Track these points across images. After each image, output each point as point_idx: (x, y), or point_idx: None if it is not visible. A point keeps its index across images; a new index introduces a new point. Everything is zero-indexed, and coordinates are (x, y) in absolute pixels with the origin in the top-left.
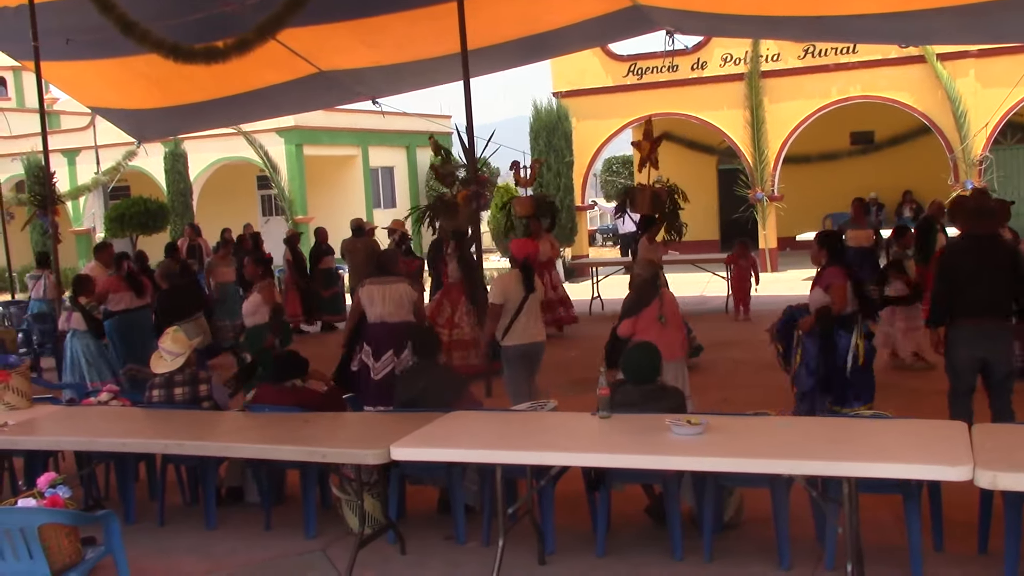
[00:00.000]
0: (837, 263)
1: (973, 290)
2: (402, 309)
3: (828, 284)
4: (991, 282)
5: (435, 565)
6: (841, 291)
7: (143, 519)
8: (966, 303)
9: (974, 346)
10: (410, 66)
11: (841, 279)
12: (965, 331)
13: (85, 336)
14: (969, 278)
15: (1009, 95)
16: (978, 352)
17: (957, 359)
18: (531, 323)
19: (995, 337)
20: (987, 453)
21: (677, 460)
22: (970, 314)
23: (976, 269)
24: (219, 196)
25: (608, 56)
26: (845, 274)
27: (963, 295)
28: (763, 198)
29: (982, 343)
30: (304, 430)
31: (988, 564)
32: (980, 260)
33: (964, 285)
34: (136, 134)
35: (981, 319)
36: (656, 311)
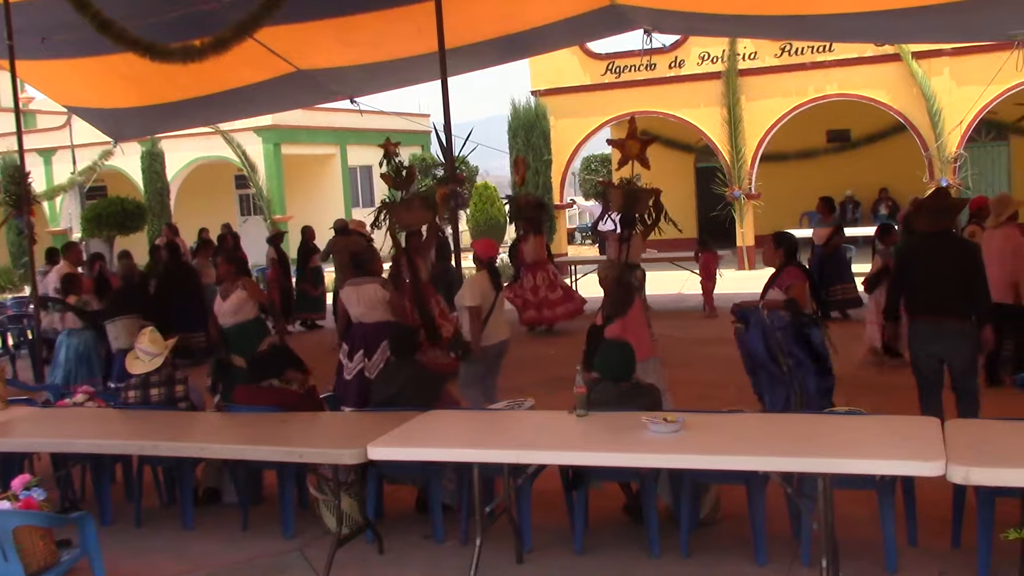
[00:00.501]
0: (794, 263)
1: (926, 288)
2: (375, 310)
3: (789, 285)
4: (944, 281)
5: (413, 564)
6: (803, 291)
7: (119, 521)
8: (919, 301)
9: (928, 343)
10: (388, 65)
11: (801, 279)
12: (918, 328)
13: (79, 335)
14: (922, 276)
15: (983, 93)
16: (932, 349)
17: (913, 355)
18: (501, 322)
19: (947, 335)
20: (959, 448)
21: (654, 458)
22: (923, 312)
23: (929, 267)
24: (197, 196)
25: (586, 55)
26: (804, 275)
27: (917, 293)
28: (740, 196)
29: (936, 341)
30: (281, 430)
31: (962, 558)
32: (933, 259)
33: (918, 283)
34: (113, 133)
35: (934, 317)
36: (641, 308)
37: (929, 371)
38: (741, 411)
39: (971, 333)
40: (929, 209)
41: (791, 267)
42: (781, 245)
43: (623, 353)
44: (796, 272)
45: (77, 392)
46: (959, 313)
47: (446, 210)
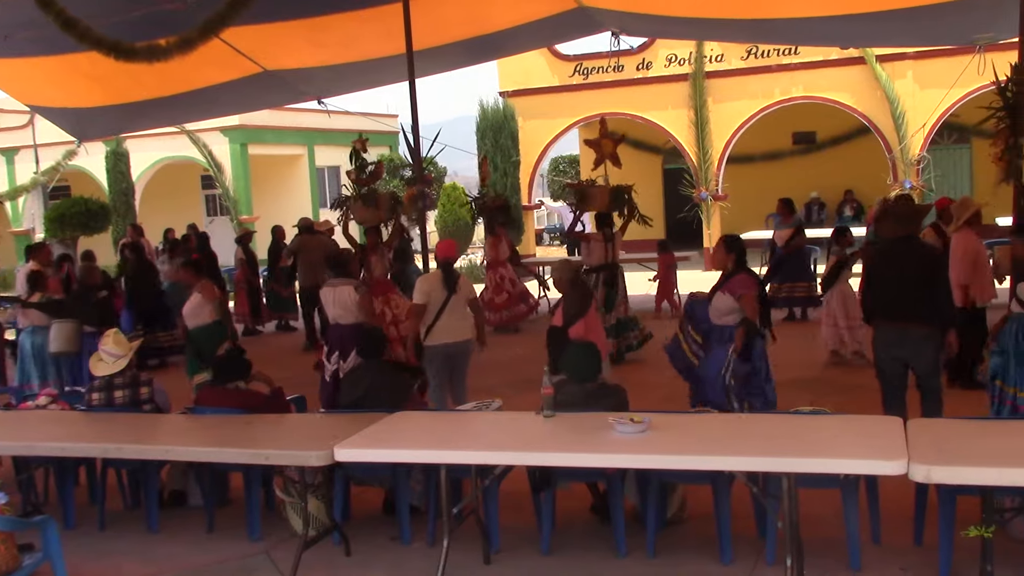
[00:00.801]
0: (745, 270)
1: (889, 293)
2: (349, 312)
3: (740, 295)
4: (906, 285)
5: (380, 566)
6: (753, 301)
7: (83, 524)
8: (883, 305)
9: (891, 347)
10: (356, 66)
11: (753, 288)
12: (883, 332)
13: (42, 333)
14: (885, 281)
15: (946, 96)
16: (896, 352)
17: (878, 359)
18: (454, 323)
19: (912, 339)
20: (921, 448)
21: (620, 458)
22: (887, 316)
23: (891, 273)
24: (162, 196)
25: (554, 56)
26: (755, 283)
27: (880, 298)
28: (707, 197)
29: (899, 344)
30: (247, 432)
31: (924, 555)
32: (895, 264)
33: (883, 288)
34: (77, 133)
35: (897, 321)
36: (596, 307)
37: (893, 374)
38: (708, 411)
39: (934, 337)
40: (893, 215)
41: (742, 274)
42: (732, 250)
43: (589, 354)
44: (747, 281)
45: (40, 394)
46: (923, 318)
47: (414, 210)
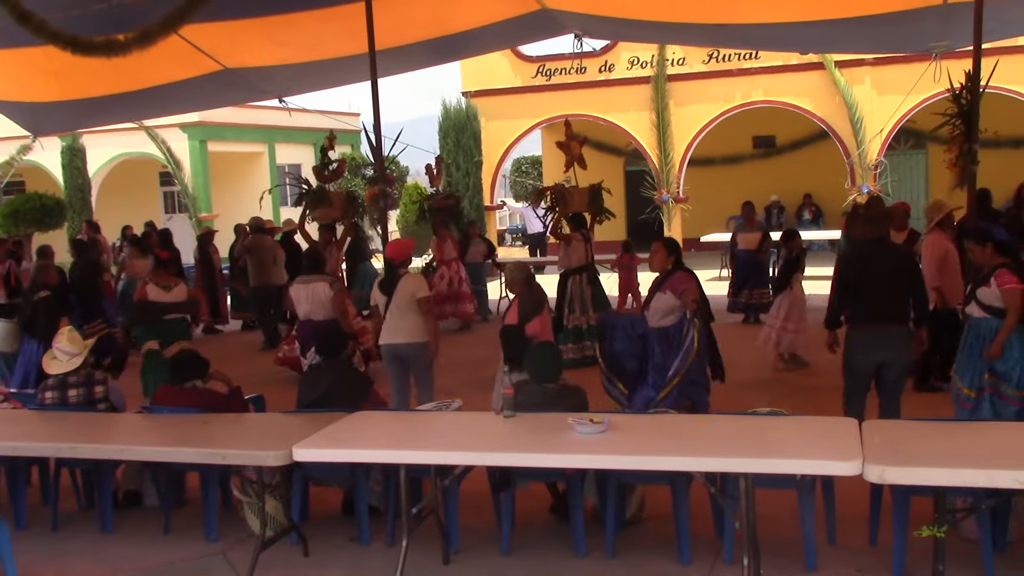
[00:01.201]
0: (683, 268)
1: (866, 295)
2: (323, 308)
3: (683, 289)
4: (883, 287)
5: (339, 566)
6: (696, 294)
7: (35, 525)
8: (860, 308)
9: (870, 350)
10: (318, 65)
11: (694, 281)
12: (860, 336)
13: None
14: (862, 283)
15: (903, 102)
16: (874, 356)
17: (854, 363)
18: (394, 323)
19: (891, 341)
20: (876, 448)
21: (580, 458)
22: (864, 319)
23: (868, 274)
24: (119, 192)
25: (517, 57)
26: (696, 279)
27: (857, 300)
28: (669, 200)
29: (878, 347)
30: (204, 431)
31: (878, 555)
32: (872, 266)
33: (857, 290)
34: (32, 128)
35: (875, 324)
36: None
37: (864, 376)
38: (667, 412)
39: (910, 336)
40: (865, 218)
41: (681, 272)
42: (673, 252)
43: (552, 354)
44: (686, 276)
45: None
46: (900, 319)
47: (376, 210)
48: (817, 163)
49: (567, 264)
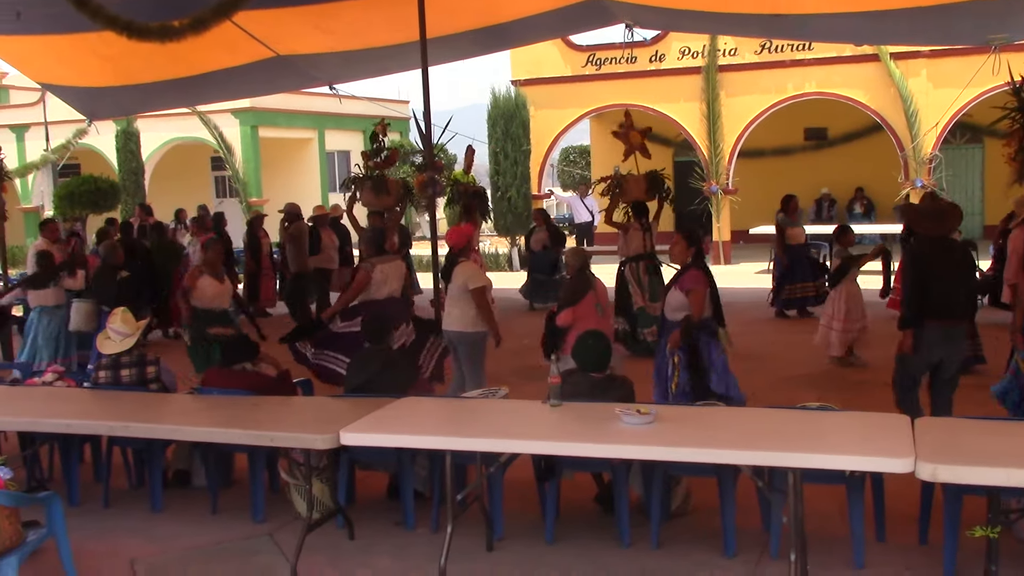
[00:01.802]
0: (698, 265)
1: (936, 292)
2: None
3: (690, 289)
4: (952, 284)
5: (384, 550)
6: (701, 297)
7: (87, 501)
8: (930, 305)
9: (934, 348)
10: (368, 53)
11: (703, 285)
12: (927, 333)
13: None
14: (933, 280)
15: (959, 96)
16: (936, 353)
17: (916, 360)
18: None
19: (954, 338)
20: (928, 446)
21: (626, 449)
22: (933, 316)
23: (939, 271)
24: (172, 176)
25: (567, 46)
26: (706, 280)
27: (927, 297)
28: (718, 191)
29: (943, 345)
30: (253, 414)
31: (928, 554)
32: (942, 262)
33: (929, 287)
34: (87, 112)
35: (943, 321)
36: (594, 300)
37: (921, 373)
38: (715, 404)
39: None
40: (937, 213)
41: (694, 270)
42: (694, 244)
43: (601, 344)
44: (699, 276)
45: (47, 371)
46: (963, 315)
47: (424, 197)
48: (869, 156)
49: (625, 253)
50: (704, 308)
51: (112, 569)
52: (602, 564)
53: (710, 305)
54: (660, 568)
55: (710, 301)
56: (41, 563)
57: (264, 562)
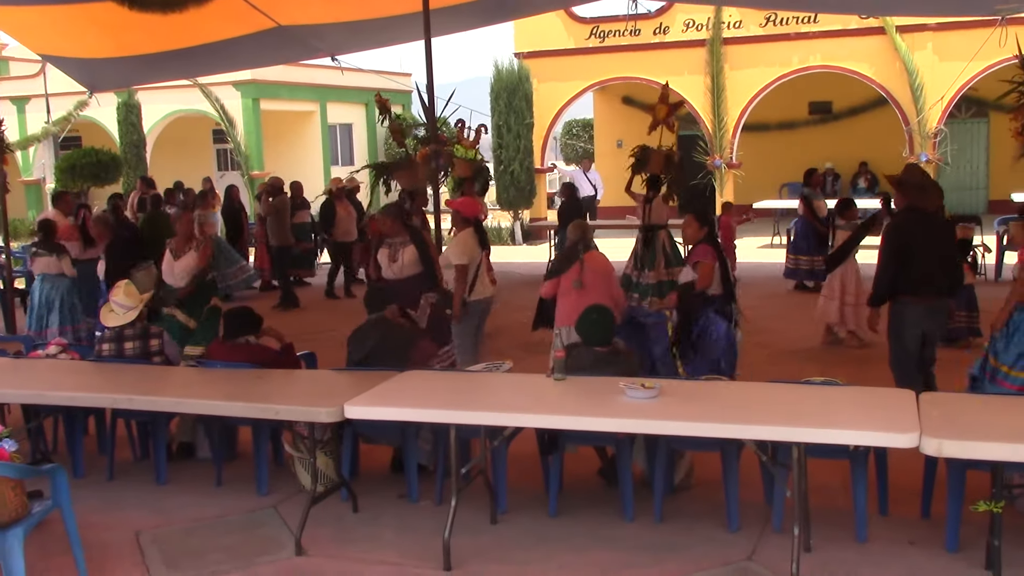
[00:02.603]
0: (709, 241)
1: (922, 266)
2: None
3: (698, 262)
4: (937, 258)
5: (388, 523)
6: (708, 270)
7: (91, 474)
8: (914, 279)
9: (920, 322)
10: (371, 23)
11: (711, 259)
12: (913, 308)
13: (52, 280)
14: (918, 254)
15: (965, 69)
16: (923, 328)
17: (907, 336)
18: (486, 278)
19: (938, 313)
20: (933, 421)
21: (630, 423)
22: (918, 291)
23: (925, 245)
24: (173, 149)
25: (571, 18)
26: (715, 255)
27: (911, 271)
28: (721, 165)
29: (927, 319)
30: (257, 387)
31: (931, 528)
32: (928, 236)
33: (914, 261)
34: (88, 84)
35: (928, 296)
36: (575, 275)
37: (915, 348)
38: (719, 379)
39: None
40: (919, 186)
41: (703, 244)
42: (705, 224)
43: (604, 318)
44: (708, 250)
45: (50, 344)
46: (946, 290)
47: (428, 170)
48: (874, 130)
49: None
50: (710, 281)
51: (117, 540)
52: (605, 537)
53: (720, 283)
54: (663, 541)
55: (720, 278)
56: (46, 534)
57: (268, 534)
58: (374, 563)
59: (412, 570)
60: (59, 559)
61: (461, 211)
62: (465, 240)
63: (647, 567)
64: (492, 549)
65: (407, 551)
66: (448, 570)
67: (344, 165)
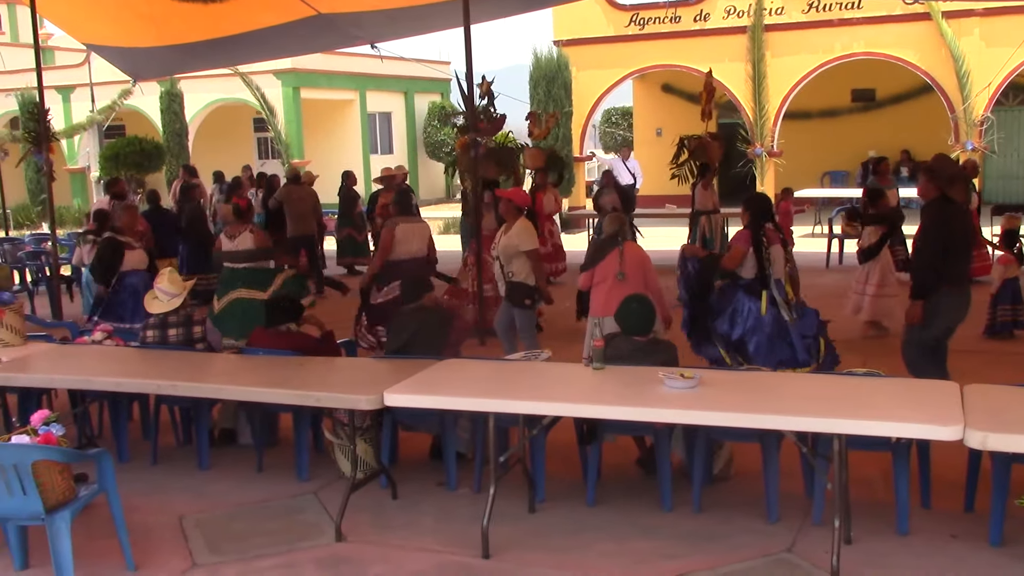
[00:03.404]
0: (752, 227)
1: (961, 256)
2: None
3: (732, 244)
4: (966, 248)
5: (427, 510)
6: (737, 252)
7: (136, 458)
8: (954, 270)
9: (958, 312)
10: (410, 11)
11: (744, 244)
12: (953, 298)
13: None
14: (957, 244)
15: (1013, 55)
16: (956, 319)
17: (939, 325)
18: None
19: (969, 302)
20: (977, 413)
21: (669, 413)
22: (957, 281)
23: (961, 235)
24: (215, 137)
25: (610, 5)
26: (750, 240)
27: (951, 261)
28: (762, 153)
29: (964, 309)
30: (298, 374)
31: (974, 522)
32: (962, 225)
33: (954, 251)
34: (131, 72)
35: (964, 285)
36: (614, 266)
37: (942, 338)
38: (759, 369)
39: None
40: (961, 178)
41: (744, 230)
42: (749, 209)
43: (644, 308)
44: (745, 235)
45: (95, 330)
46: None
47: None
48: (918, 118)
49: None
50: (736, 263)
51: (160, 524)
52: (643, 527)
53: (754, 268)
54: (701, 531)
55: (755, 263)
56: (92, 517)
57: (309, 520)
58: (413, 550)
59: (451, 557)
60: (104, 542)
61: (514, 200)
62: (526, 225)
63: (685, 557)
64: (530, 537)
65: (446, 538)
66: (487, 558)
67: (383, 154)
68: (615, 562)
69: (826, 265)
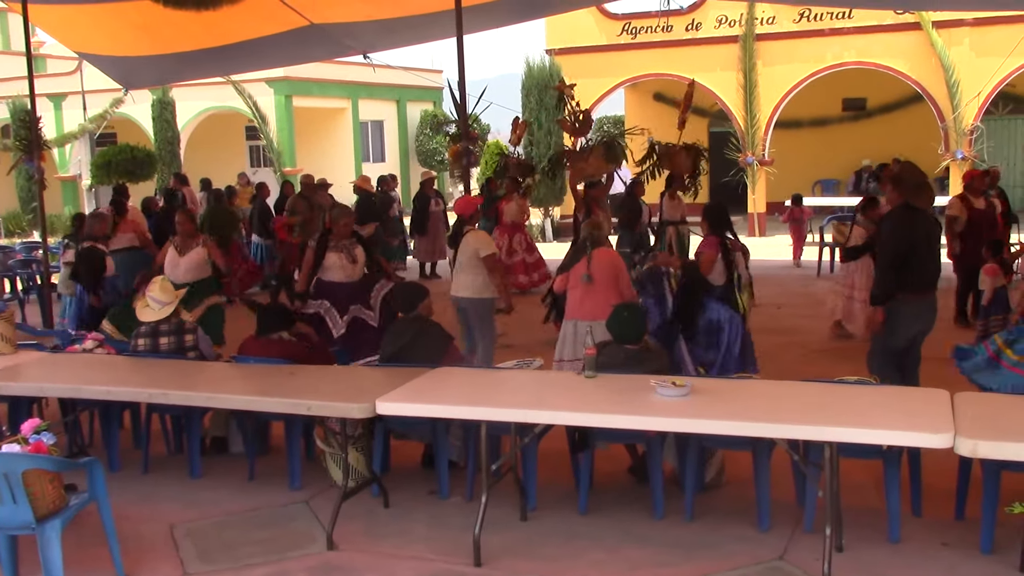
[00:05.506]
0: (716, 233)
1: (923, 264)
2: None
3: (699, 251)
4: (933, 257)
5: (418, 519)
6: (708, 259)
7: (127, 467)
8: (916, 278)
9: (920, 321)
10: (403, 21)
11: (713, 250)
12: (913, 306)
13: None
14: (920, 252)
15: (1002, 65)
16: (918, 327)
17: (901, 334)
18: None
19: (933, 310)
20: (968, 421)
21: (661, 421)
22: (919, 289)
23: (925, 243)
24: (207, 146)
25: (602, 14)
26: (718, 246)
27: (913, 269)
28: (753, 162)
29: (926, 317)
30: (290, 382)
31: (965, 530)
32: (926, 234)
33: (916, 259)
34: (123, 81)
35: (927, 293)
36: (583, 269)
37: (905, 346)
38: (750, 377)
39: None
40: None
41: (709, 236)
42: (706, 218)
43: (635, 316)
44: (712, 242)
45: (87, 338)
46: (935, 286)
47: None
48: (909, 127)
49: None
50: (708, 270)
51: (151, 533)
52: (635, 535)
53: (724, 274)
54: (693, 540)
55: (724, 269)
56: (83, 527)
57: (300, 529)
58: (405, 558)
59: (443, 566)
60: (95, 551)
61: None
62: (479, 233)
63: (677, 565)
64: (522, 545)
65: (438, 547)
66: (478, 566)
67: (376, 162)
68: (607, 570)
69: (817, 273)
